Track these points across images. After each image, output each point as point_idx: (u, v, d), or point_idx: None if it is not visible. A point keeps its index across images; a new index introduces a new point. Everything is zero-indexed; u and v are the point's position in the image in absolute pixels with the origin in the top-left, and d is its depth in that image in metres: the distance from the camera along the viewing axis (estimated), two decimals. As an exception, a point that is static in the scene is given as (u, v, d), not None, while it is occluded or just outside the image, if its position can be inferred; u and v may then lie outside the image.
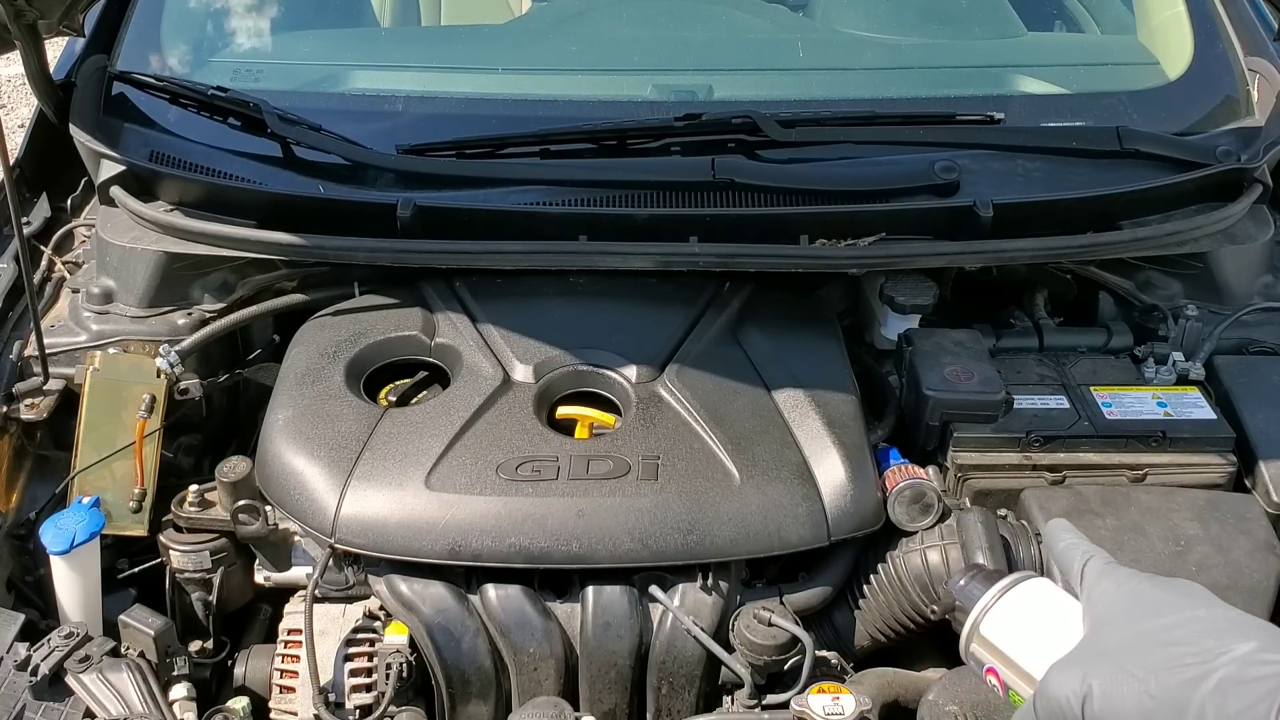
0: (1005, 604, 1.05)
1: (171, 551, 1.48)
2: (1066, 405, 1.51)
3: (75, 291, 1.75)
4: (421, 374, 1.61)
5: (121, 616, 1.37)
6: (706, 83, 1.95)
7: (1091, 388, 1.54)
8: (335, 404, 1.48)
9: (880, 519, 1.41)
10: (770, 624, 1.31)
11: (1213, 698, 0.78)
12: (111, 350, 1.65)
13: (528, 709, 1.27)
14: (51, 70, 1.83)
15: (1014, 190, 1.68)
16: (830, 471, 1.40)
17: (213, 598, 1.49)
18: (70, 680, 1.27)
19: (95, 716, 1.25)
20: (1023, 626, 1.03)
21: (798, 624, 1.31)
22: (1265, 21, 1.97)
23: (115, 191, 1.71)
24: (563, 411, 1.52)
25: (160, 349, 1.61)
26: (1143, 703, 0.81)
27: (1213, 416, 1.50)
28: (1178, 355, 1.60)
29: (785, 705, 1.28)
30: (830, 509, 1.37)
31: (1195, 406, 1.51)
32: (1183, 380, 1.58)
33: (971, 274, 1.78)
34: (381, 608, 1.39)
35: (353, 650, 1.35)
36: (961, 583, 1.11)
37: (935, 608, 1.38)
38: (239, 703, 1.38)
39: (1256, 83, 1.88)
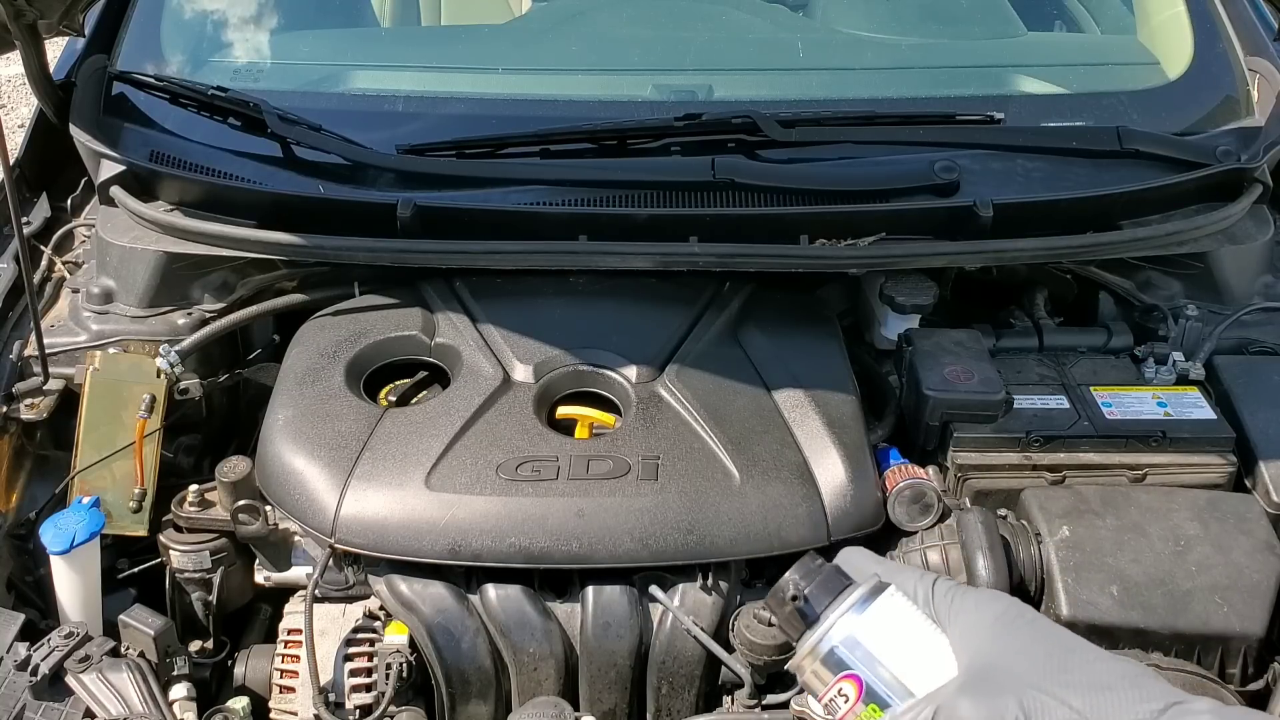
0: (879, 607, 0.93)
1: (171, 551, 1.48)
2: (1066, 405, 1.51)
3: (75, 291, 1.75)
4: (421, 374, 1.61)
5: (121, 616, 1.37)
6: (706, 83, 1.95)
7: (1091, 388, 1.54)
8: (335, 404, 1.48)
9: (880, 519, 1.41)
10: (770, 624, 1.31)
11: None
12: (111, 350, 1.65)
13: (528, 709, 1.27)
14: (51, 70, 1.83)
15: (1014, 190, 1.68)
16: (830, 471, 1.40)
17: (213, 598, 1.49)
18: (70, 680, 1.27)
19: (95, 716, 1.25)
20: (895, 633, 0.92)
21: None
22: (1265, 21, 1.97)
23: (115, 191, 1.71)
24: (563, 411, 1.52)
25: (160, 349, 1.61)
26: None
27: (1213, 416, 1.50)
28: (1178, 355, 1.60)
29: (785, 705, 1.29)
30: (830, 509, 1.37)
31: (1195, 406, 1.51)
32: (1183, 380, 1.57)
33: (971, 274, 1.78)
34: (381, 608, 1.39)
35: (353, 650, 1.35)
36: (806, 578, 0.96)
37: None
38: (239, 703, 1.38)
39: (1256, 83, 1.88)
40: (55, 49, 1.92)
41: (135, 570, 1.59)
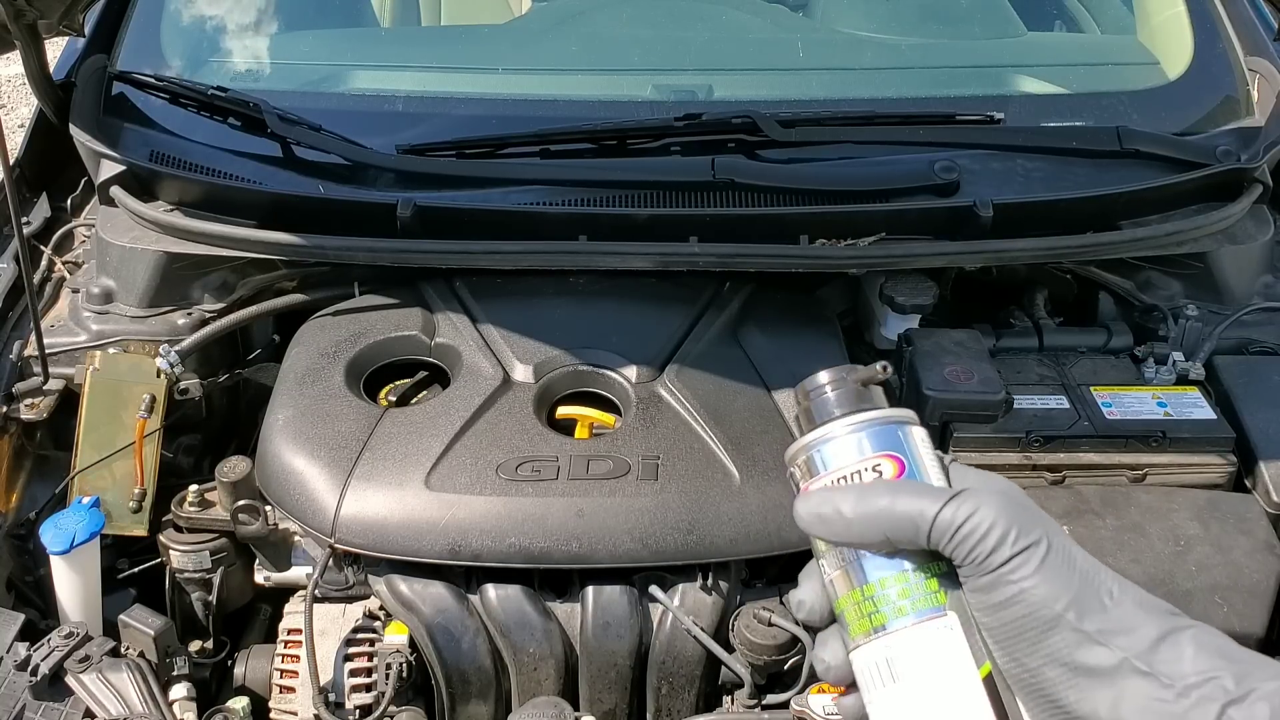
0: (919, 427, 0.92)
1: (171, 551, 1.48)
2: (1066, 405, 1.51)
3: (75, 291, 1.75)
4: (421, 374, 1.61)
5: (121, 616, 1.37)
6: (706, 83, 1.95)
7: (1091, 388, 1.54)
8: (335, 404, 1.48)
9: (880, 519, 1.41)
10: (770, 624, 1.31)
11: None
12: (111, 350, 1.65)
13: (528, 709, 1.27)
14: (51, 70, 1.83)
15: (1014, 190, 1.68)
16: (830, 471, 1.40)
17: (213, 598, 1.49)
18: (70, 680, 1.27)
19: (95, 716, 1.25)
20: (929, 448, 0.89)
21: (798, 624, 1.31)
22: (1265, 21, 1.97)
23: (115, 191, 1.71)
24: (563, 411, 1.52)
25: (160, 349, 1.61)
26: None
27: (1213, 416, 1.50)
28: (1178, 355, 1.60)
29: (785, 705, 1.29)
30: (830, 509, 1.37)
31: (1195, 406, 1.51)
32: (1183, 380, 1.57)
33: (971, 274, 1.78)
34: (381, 608, 1.39)
35: (353, 650, 1.35)
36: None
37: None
38: (239, 703, 1.38)
39: (1256, 83, 1.88)
40: (55, 49, 1.92)
41: (135, 570, 1.59)
